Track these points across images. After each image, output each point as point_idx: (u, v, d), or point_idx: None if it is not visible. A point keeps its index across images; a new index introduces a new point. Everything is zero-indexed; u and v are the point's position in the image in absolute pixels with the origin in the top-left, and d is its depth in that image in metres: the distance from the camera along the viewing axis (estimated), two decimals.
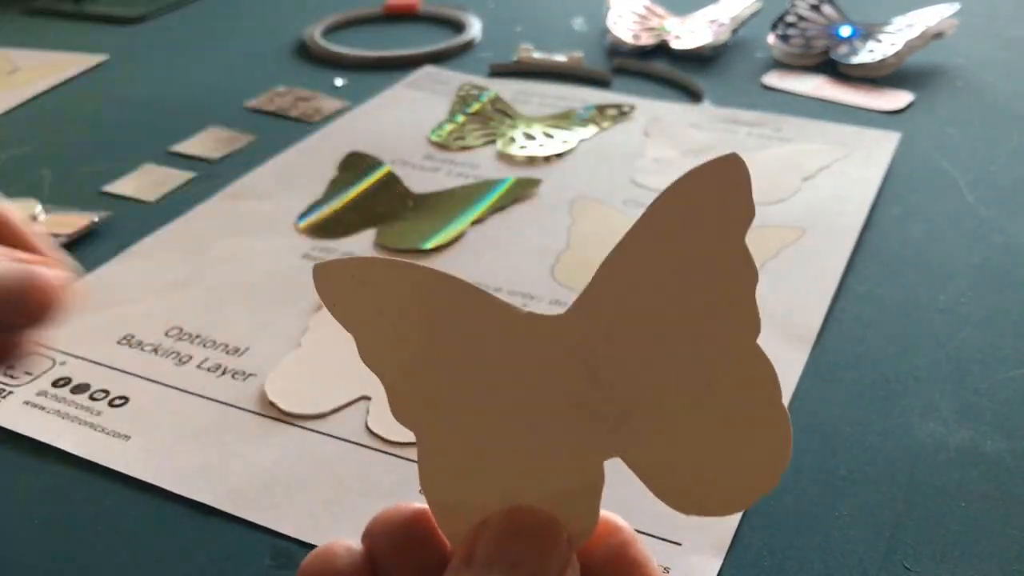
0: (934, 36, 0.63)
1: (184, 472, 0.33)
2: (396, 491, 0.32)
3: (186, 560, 0.30)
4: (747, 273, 0.18)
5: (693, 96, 0.62)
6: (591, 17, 0.75)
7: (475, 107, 0.60)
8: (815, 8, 0.67)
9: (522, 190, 0.50)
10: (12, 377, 0.37)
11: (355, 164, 0.53)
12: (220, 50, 0.73)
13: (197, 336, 0.40)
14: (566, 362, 0.18)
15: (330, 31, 0.75)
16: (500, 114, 0.59)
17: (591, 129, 0.56)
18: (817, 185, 0.49)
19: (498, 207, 0.49)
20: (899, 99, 0.60)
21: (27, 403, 0.36)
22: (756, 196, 0.18)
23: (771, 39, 0.66)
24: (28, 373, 0.37)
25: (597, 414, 0.18)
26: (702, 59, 0.67)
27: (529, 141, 0.55)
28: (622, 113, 0.58)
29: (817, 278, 0.42)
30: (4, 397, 0.36)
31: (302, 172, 0.53)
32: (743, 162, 0.18)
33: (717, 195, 0.18)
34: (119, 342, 0.39)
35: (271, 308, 0.41)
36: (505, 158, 0.54)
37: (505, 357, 0.19)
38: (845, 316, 0.40)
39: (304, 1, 0.82)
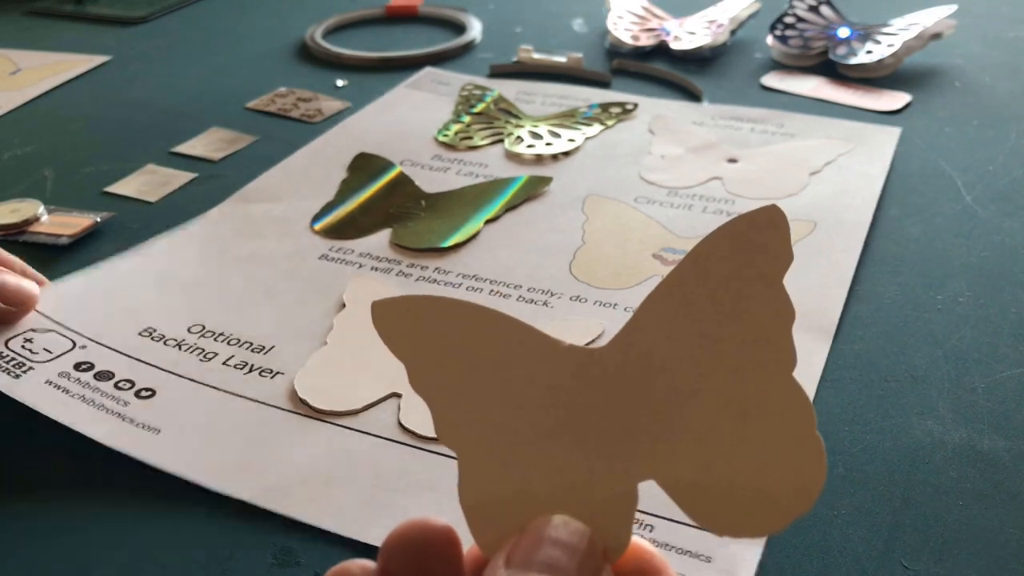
0: (932, 37, 0.63)
1: (220, 468, 0.33)
2: (434, 485, 0.32)
3: (186, 557, 0.30)
4: (785, 313, 0.19)
5: (692, 97, 0.62)
6: (591, 18, 0.76)
7: (479, 107, 0.60)
8: (814, 9, 0.67)
9: (533, 188, 0.50)
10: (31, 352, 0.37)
11: (365, 165, 0.53)
12: (222, 51, 0.73)
13: (220, 334, 0.40)
14: (605, 391, 0.20)
15: (331, 32, 0.75)
16: (505, 113, 0.59)
17: (596, 127, 0.57)
18: (824, 179, 0.50)
19: (511, 205, 0.49)
20: (897, 100, 0.60)
21: (50, 383, 0.36)
22: (765, 191, 0.19)
23: (770, 40, 0.67)
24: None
25: (633, 438, 0.20)
26: (701, 60, 0.67)
27: (536, 140, 0.56)
28: (626, 111, 0.59)
29: (831, 271, 0.42)
30: (24, 372, 0.36)
31: (311, 174, 0.53)
32: (782, 211, 0.19)
33: (759, 240, 0.19)
34: (140, 334, 0.39)
35: (294, 308, 0.41)
36: (513, 157, 0.54)
37: (546, 385, 0.20)
38: (844, 316, 0.40)
39: (305, 2, 0.82)
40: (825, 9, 0.67)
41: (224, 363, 0.38)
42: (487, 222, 0.48)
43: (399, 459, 0.33)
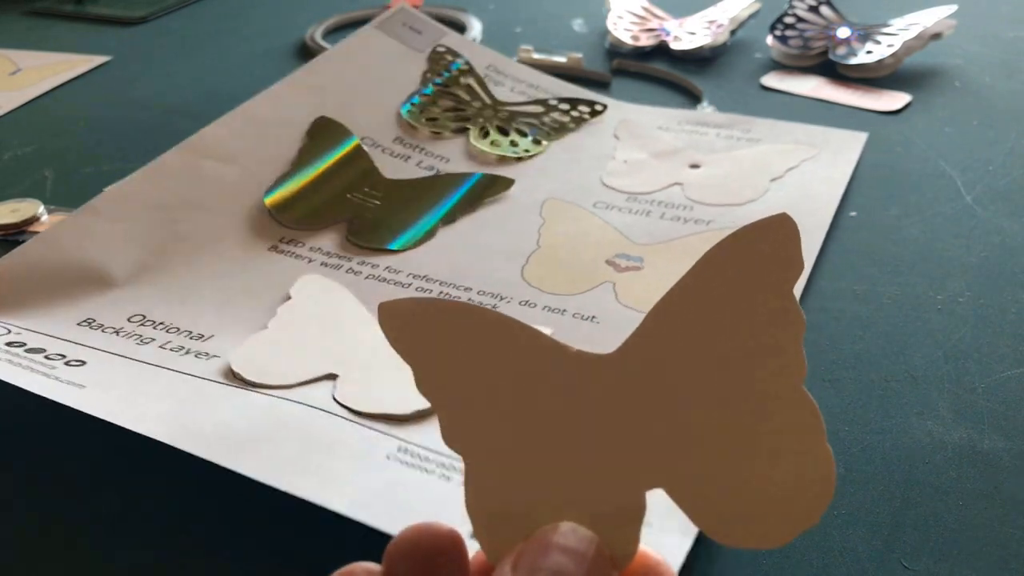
0: (932, 37, 0.63)
1: (144, 416, 0.31)
2: (367, 454, 0.31)
3: (186, 558, 0.30)
4: (795, 321, 0.20)
5: (692, 97, 0.62)
6: (591, 18, 0.76)
7: (446, 77, 0.58)
8: (813, 9, 0.67)
9: (493, 190, 0.50)
10: None
11: (324, 133, 0.52)
12: (222, 51, 0.73)
13: (161, 323, 0.39)
14: (613, 397, 0.20)
15: (331, 32, 0.75)
16: (471, 93, 0.58)
17: (562, 133, 0.56)
18: (785, 184, 0.49)
19: (467, 204, 0.48)
20: (897, 100, 0.60)
21: None
22: (724, 197, 0.19)
23: (770, 40, 0.67)
24: None
25: (641, 446, 0.20)
26: (701, 60, 0.67)
27: (502, 138, 0.55)
28: (595, 111, 0.58)
29: None
30: None
31: (270, 133, 0.51)
32: (793, 220, 0.20)
33: (769, 249, 0.20)
34: (79, 324, 0.39)
35: (238, 299, 0.41)
36: (477, 153, 0.54)
37: (554, 391, 0.20)
38: (843, 315, 0.40)
39: (305, 2, 0.82)
40: (825, 9, 0.67)
41: (160, 347, 0.37)
42: (444, 223, 0.47)
43: (332, 427, 0.32)
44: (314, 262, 0.44)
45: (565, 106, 0.58)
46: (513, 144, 0.54)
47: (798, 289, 0.41)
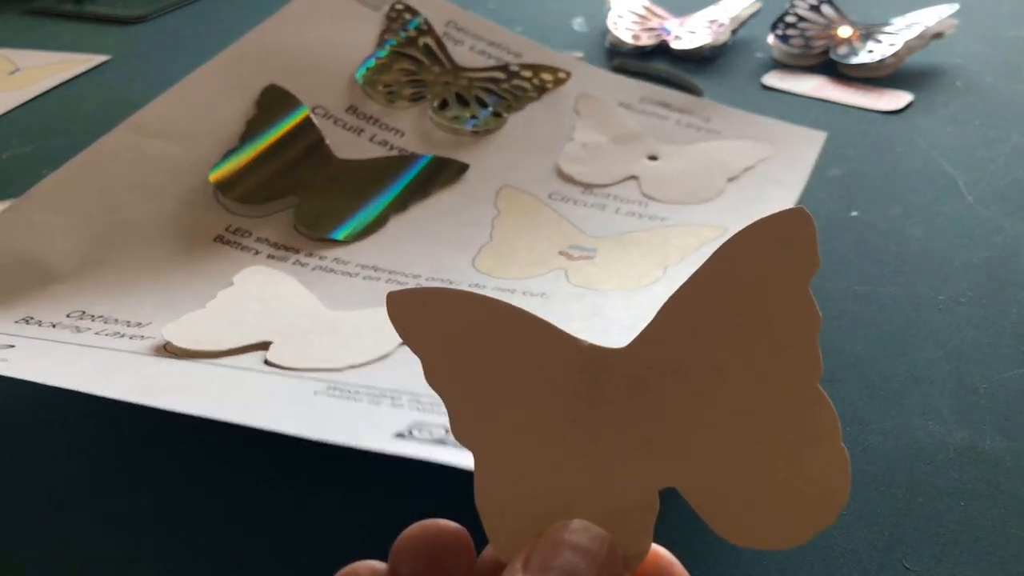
0: (933, 36, 0.63)
1: (71, 376, 0.31)
2: (293, 391, 0.30)
3: (186, 558, 0.30)
4: (811, 318, 0.19)
5: (693, 96, 0.62)
6: (591, 17, 0.76)
7: (402, 38, 0.55)
8: (815, 8, 0.67)
9: (447, 176, 0.48)
10: None
11: (274, 103, 0.49)
12: (221, 50, 0.73)
13: (100, 316, 0.38)
14: (626, 392, 0.19)
15: None
16: (431, 56, 0.55)
17: (524, 103, 0.54)
18: (741, 186, 0.48)
19: (419, 188, 0.47)
20: (898, 99, 0.60)
21: None
22: (680, 195, 0.19)
23: (771, 39, 0.67)
24: None
25: (654, 443, 0.19)
26: (702, 59, 0.67)
27: (462, 110, 0.52)
28: (558, 80, 0.55)
29: None
30: None
31: (217, 105, 0.48)
32: (809, 215, 0.19)
33: (784, 244, 0.19)
34: (17, 322, 0.37)
35: (179, 292, 0.40)
36: (435, 126, 0.51)
37: (566, 384, 0.19)
38: (844, 315, 0.40)
39: None
40: (826, 8, 0.67)
41: (96, 333, 0.36)
42: (396, 210, 0.46)
43: (264, 383, 0.31)
44: (260, 254, 0.43)
45: (527, 73, 0.55)
46: (473, 117, 0.52)
47: None
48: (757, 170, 0.50)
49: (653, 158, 0.51)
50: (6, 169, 0.56)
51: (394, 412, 0.24)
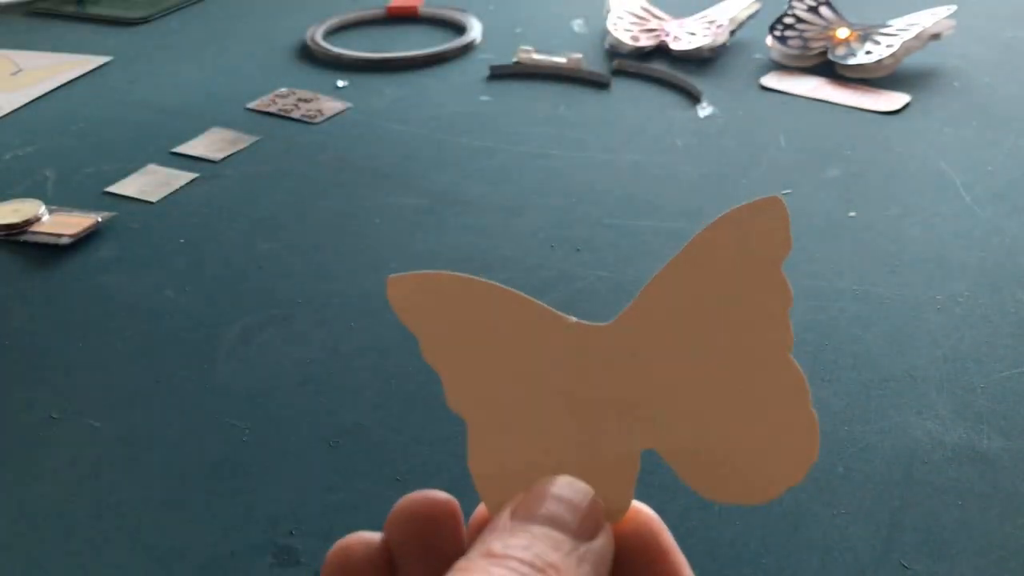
0: (931, 37, 0.63)
1: None
2: None
3: (187, 556, 0.30)
4: (784, 295, 0.21)
5: (692, 98, 0.62)
6: (591, 19, 0.76)
7: None
8: (813, 10, 0.67)
9: None
10: None
11: None
12: (222, 52, 0.73)
13: None
14: (609, 364, 0.21)
15: (332, 33, 0.75)
16: None
17: None
18: None
19: None
20: (896, 100, 0.60)
21: None
22: None
23: (769, 41, 0.67)
24: None
25: (635, 409, 0.21)
26: (701, 61, 0.67)
27: None
28: None
29: None
30: None
31: None
32: (783, 202, 0.21)
33: (759, 227, 0.21)
34: None
35: None
36: None
37: (552, 358, 0.21)
38: (843, 315, 0.41)
39: (306, 3, 0.83)
40: (824, 10, 0.67)
41: None
42: None
43: None
44: None
45: None
46: None
47: None
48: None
49: None
50: (8, 169, 0.56)
51: None
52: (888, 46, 0.62)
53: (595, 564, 0.17)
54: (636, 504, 0.20)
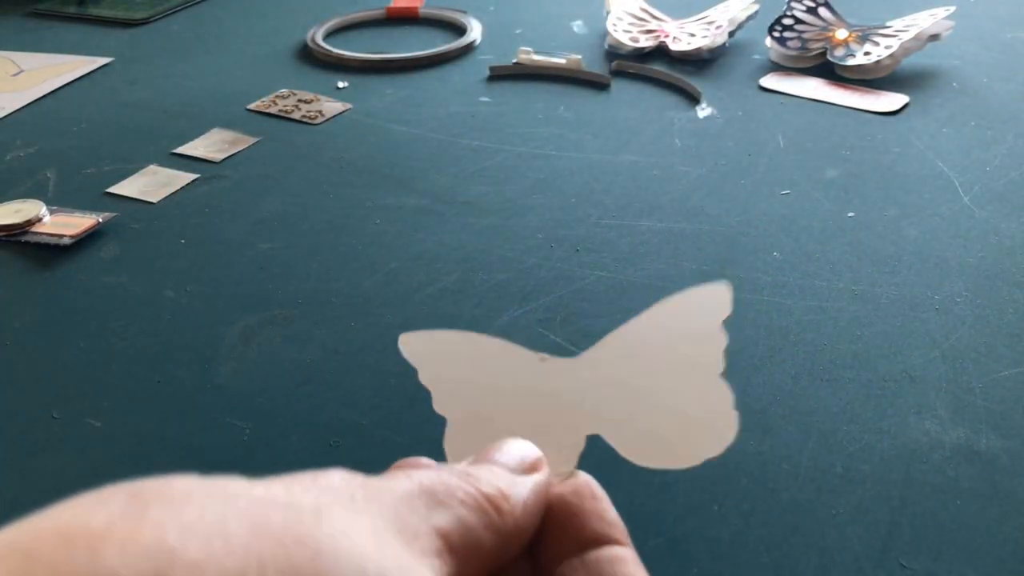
0: (930, 38, 0.64)
1: None
2: None
3: None
4: (717, 341, 0.27)
5: (691, 98, 0.63)
6: (590, 20, 0.76)
7: None
8: (812, 11, 0.67)
9: None
10: None
11: None
12: (223, 53, 0.74)
13: None
14: (567, 379, 0.27)
15: (332, 34, 0.75)
16: None
17: None
18: None
19: None
20: (895, 101, 0.60)
21: None
22: None
23: (768, 41, 0.67)
24: None
25: (583, 406, 0.27)
26: (700, 62, 0.67)
27: None
28: None
29: None
30: None
31: None
32: (729, 286, 0.27)
33: (708, 299, 0.28)
34: None
35: None
36: None
37: (524, 380, 0.28)
38: (841, 315, 0.41)
39: (306, 4, 0.83)
40: (823, 11, 0.67)
41: None
42: None
43: None
44: None
45: None
46: None
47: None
48: None
49: None
50: (9, 170, 0.56)
51: None
52: (887, 47, 0.63)
53: (534, 490, 0.21)
54: (579, 472, 0.24)
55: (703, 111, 0.60)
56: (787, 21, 0.67)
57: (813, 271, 0.44)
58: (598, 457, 0.24)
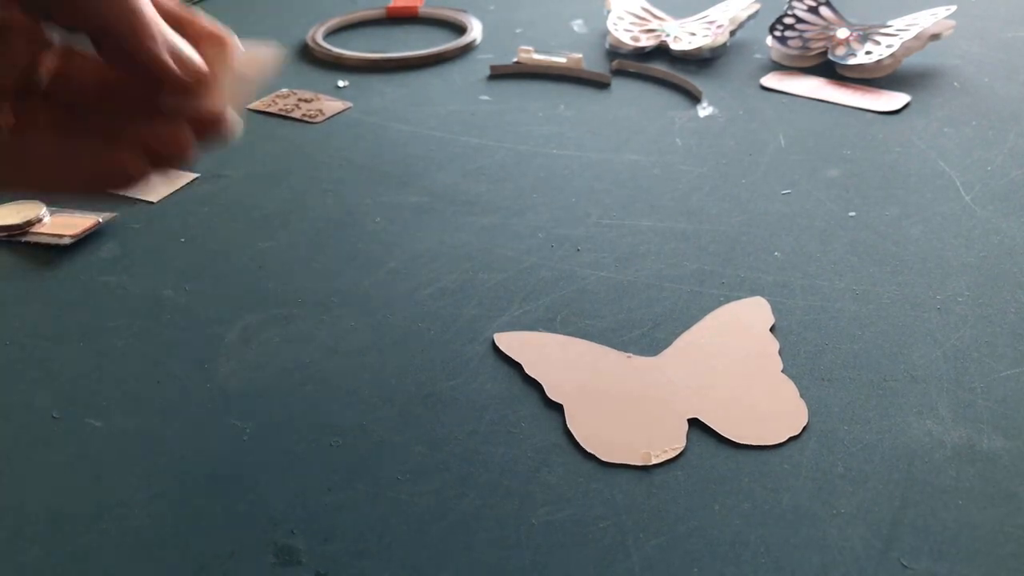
0: (931, 38, 0.64)
1: None
2: None
3: (187, 556, 0.30)
4: (771, 344, 0.38)
5: (692, 98, 0.62)
6: (591, 19, 0.76)
7: None
8: (813, 10, 0.67)
9: None
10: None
11: None
12: None
13: None
14: (656, 377, 0.36)
15: (332, 33, 0.75)
16: None
17: None
18: None
19: None
20: (896, 100, 0.60)
21: None
22: None
23: (769, 41, 0.67)
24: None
25: (677, 396, 0.36)
26: (701, 61, 0.67)
27: None
28: None
29: None
30: None
31: None
32: (767, 301, 0.40)
33: (753, 310, 0.39)
34: None
35: None
36: None
37: (617, 374, 0.37)
38: (843, 315, 0.41)
39: (306, 3, 0.83)
40: (824, 10, 0.67)
41: None
42: None
43: None
44: None
45: None
46: None
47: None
48: None
49: None
50: None
51: None
52: (888, 46, 0.62)
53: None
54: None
55: (704, 110, 0.60)
56: (788, 20, 0.67)
57: (814, 271, 0.44)
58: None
